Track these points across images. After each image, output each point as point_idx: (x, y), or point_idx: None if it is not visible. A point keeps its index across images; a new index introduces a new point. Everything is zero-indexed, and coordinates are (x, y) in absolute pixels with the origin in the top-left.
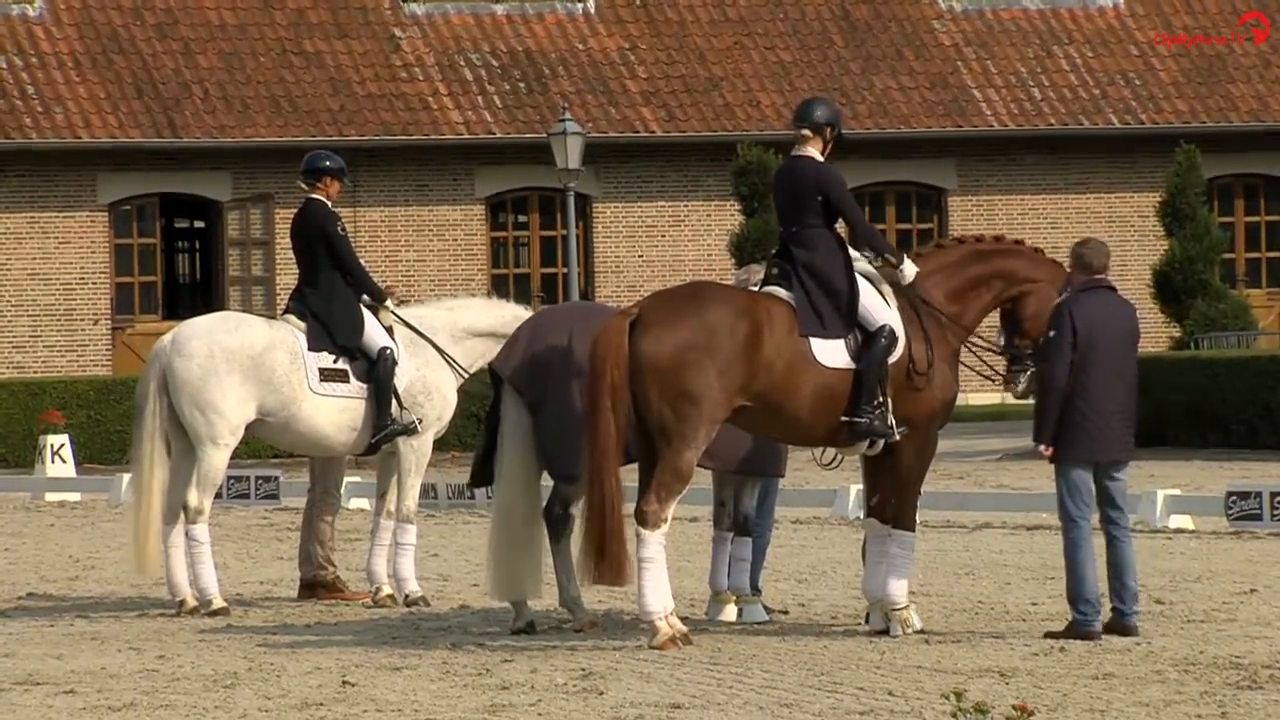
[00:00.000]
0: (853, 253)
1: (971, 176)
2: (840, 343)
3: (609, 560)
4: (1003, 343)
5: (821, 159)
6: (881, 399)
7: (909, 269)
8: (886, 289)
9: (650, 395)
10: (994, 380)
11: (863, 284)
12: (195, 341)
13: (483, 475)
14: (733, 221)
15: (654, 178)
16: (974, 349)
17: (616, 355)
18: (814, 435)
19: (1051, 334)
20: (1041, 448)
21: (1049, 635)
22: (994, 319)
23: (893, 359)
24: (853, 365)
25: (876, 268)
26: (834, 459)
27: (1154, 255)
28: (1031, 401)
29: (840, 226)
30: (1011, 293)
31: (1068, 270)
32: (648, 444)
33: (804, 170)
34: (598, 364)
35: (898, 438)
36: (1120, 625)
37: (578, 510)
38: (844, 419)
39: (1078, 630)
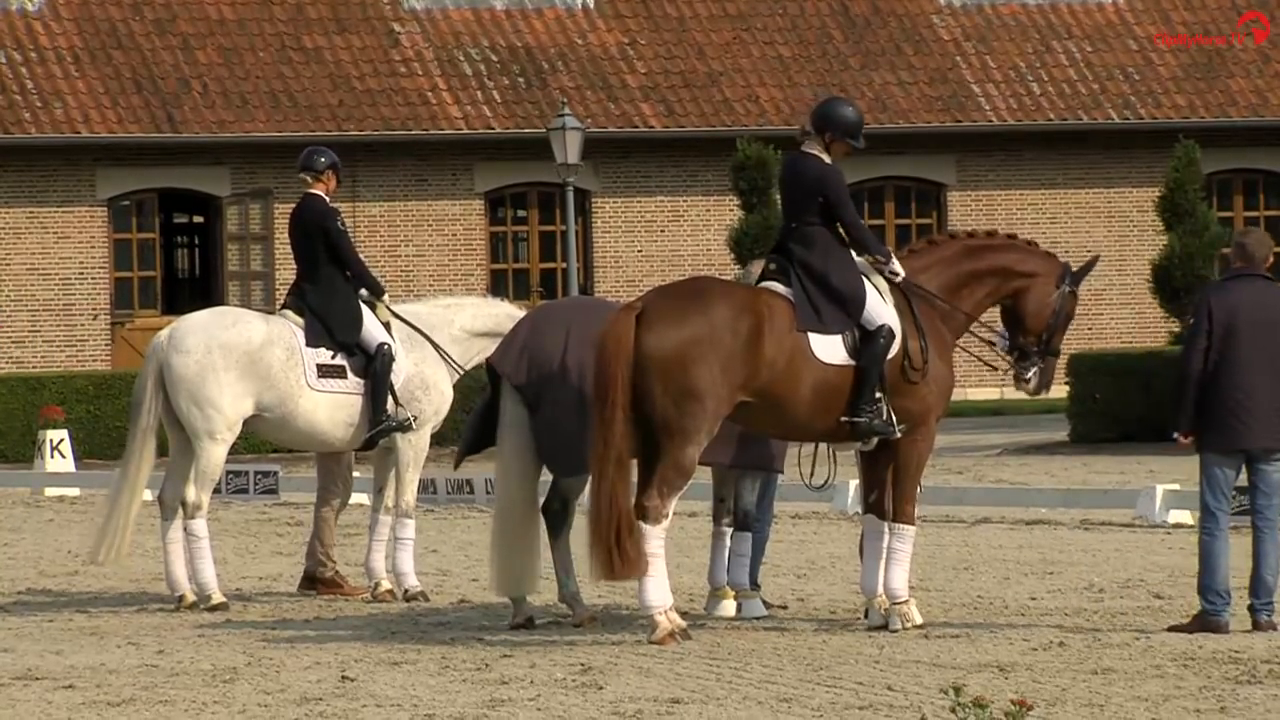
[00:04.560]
0: None
1: (971, 171)
2: (838, 339)
3: (623, 555)
4: (1007, 341)
5: (826, 159)
6: (879, 397)
7: (897, 267)
8: (882, 284)
9: (654, 391)
10: (1001, 371)
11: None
12: (192, 337)
13: (463, 454)
14: (732, 216)
15: (653, 173)
16: (979, 344)
17: (627, 350)
18: (813, 431)
19: (1190, 321)
20: (1177, 436)
21: (1173, 629)
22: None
23: (889, 355)
24: (851, 362)
25: (870, 264)
26: (824, 482)
27: (1153, 250)
28: (1043, 396)
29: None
30: (1009, 289)
31: (1063, 261)
32: (649, 439)
33: (807, 169)
34: (608, 358)
35: (898, 434)
36: (1253, 620)
37: (577, 505)
38: (843, 419)
39: (1206, 621)
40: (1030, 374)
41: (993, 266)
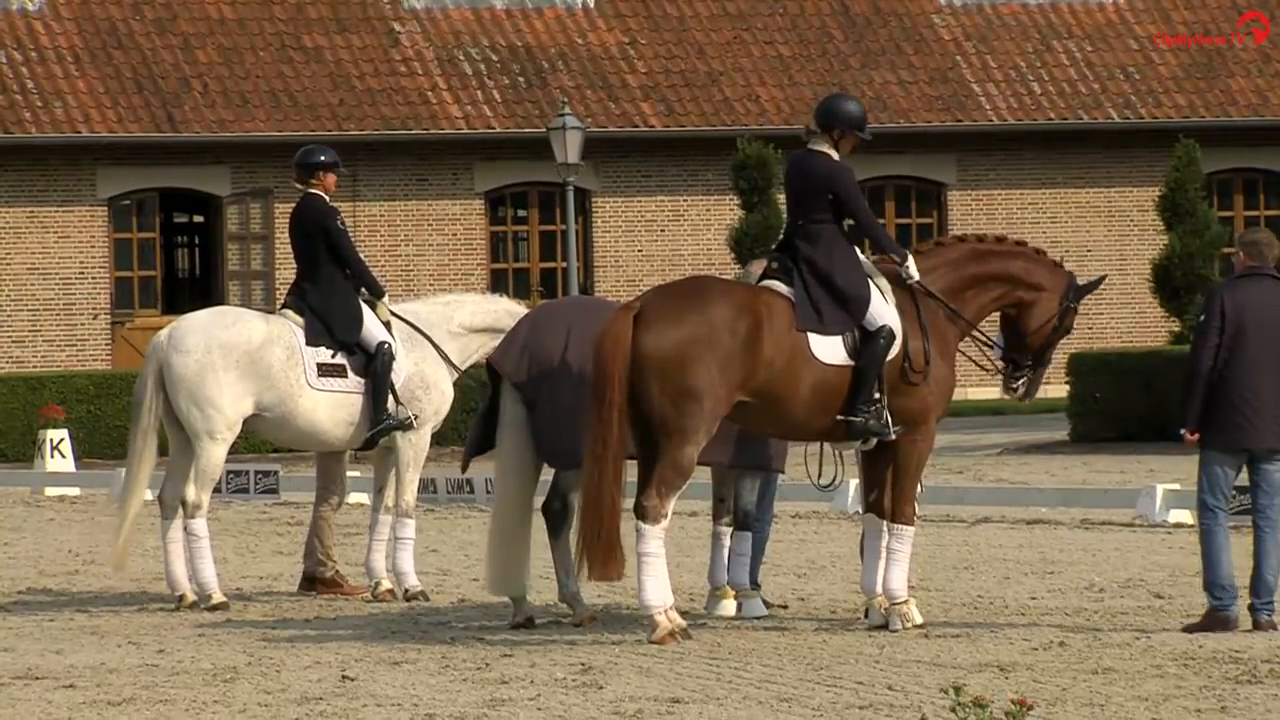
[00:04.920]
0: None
1: (971, 171)
2: (838, 339)
3: (614, 555)
4: (1001, 349)
5: (835, 156)
6: (877, 397)
7: (913, 268)
8: (884, 284)
9: (652, 391)
10: (992, 374)
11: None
12: (192, 337)
13: (469, 455)
14: (732, 216)
15: (653, 172)
16: (975, 346)
17: (624, 350)
18: (811, 431)
19: (1201, 318)
20: (1185, 432)
21: (1188, 629)
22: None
23: (889, 356)
24: (850, 362)
25: (875, 262)
26: (831, 481)
27: (1153, 250)
28: (1043, 396)
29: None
30: (1013, 299)
31: (1070, 273)
32: (647, 439)
33: (815, 166)
34: (605, 358)
35: (894, 436)
36: (1253, 620)
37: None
38: (840, 418)
39: (1214, 616)
40: (1019, 382)
41: (999, 272)
